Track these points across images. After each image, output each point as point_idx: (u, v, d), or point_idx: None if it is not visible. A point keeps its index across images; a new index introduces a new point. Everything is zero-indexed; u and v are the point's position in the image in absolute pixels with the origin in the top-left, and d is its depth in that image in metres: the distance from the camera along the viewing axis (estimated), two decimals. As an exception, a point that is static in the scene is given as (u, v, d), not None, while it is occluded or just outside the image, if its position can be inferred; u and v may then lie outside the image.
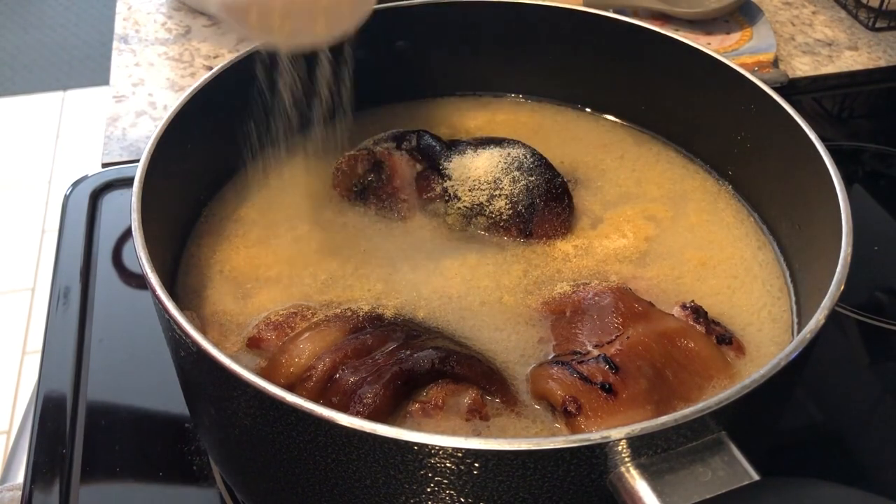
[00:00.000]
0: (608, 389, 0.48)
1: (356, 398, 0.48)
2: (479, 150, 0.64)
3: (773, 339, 0.56)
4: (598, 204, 0.66)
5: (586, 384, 0.48)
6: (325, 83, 0.70)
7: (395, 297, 0.58)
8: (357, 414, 0.47)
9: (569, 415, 0.48)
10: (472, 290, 0.59)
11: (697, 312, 0.55)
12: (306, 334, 0.52)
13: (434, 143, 0.65)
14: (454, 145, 0.65)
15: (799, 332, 0.46)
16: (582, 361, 0.50)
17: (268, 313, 0.56)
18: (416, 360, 0.49)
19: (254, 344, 0.54)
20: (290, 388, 0.48)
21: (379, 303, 0.57)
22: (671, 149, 0.72)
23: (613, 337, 0.52)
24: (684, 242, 0.63)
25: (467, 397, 0.49)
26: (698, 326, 0.54)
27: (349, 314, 0.54)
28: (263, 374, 0.52)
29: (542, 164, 0.64)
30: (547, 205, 0.62)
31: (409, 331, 0.53)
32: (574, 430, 0.48)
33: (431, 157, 0.64)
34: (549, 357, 0.53)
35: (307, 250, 0.62)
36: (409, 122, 0.74)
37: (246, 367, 0.42)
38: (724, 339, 0.54)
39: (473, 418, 0.49)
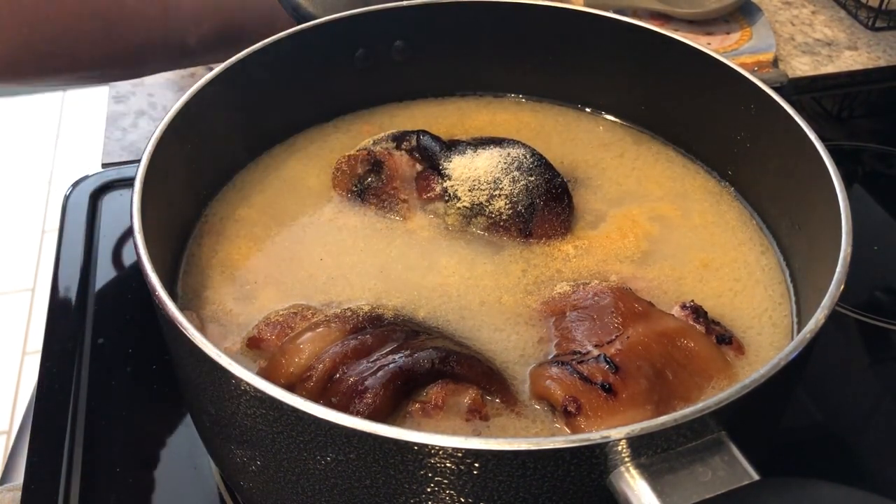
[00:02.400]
0: (608, 389, 0.48)
1: (356, 398, 0.48)
2: (478, 150, 0.64)
3: (774, 344, 0.56)
4: (598, 203, 0.66)
5: (586, 384, 0.48)
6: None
7: (395, 297, 0.58)
8: (357, 414, 0.47)
9: (569, 415, 0.48)
10: (472, 289, 0.59)
11: (697, 312, 0.55)
12: (306, 334, 0.52)
13: (434, 143, 0.65)
14: (454, 145, 0.65)
15: (799, 332, 0.46)
16: (582, 361, 0.50)
17: (268, 313, 0.56)
18: (415, 359, 0.49)
19: (254, 344, 0.54)
20: (290, 388, 0.48)
21: (379, 303, 0.57)
22: (670, 148, 0.72)
23: (613, 337, 0.52)
24: (687, 244, 0.63)
25: (467, 397, 0.49)
26: (698, 326, 0.54)
27: (349, 314, 0.54)
28: (263, 374, 0.52)
29: (541, 164, 0.64)
30: (547, 205, 0.62)
31: (408, 331, 0.53)
32: (574, 429, 0.48)
33: (431, 157, 0.64)
34: (549, 357, 0.53)
35: (307, 250, 0.62)
36: (409, 122, 0.74)
37: (246, 367, 0.42)
38: (724, 338, 0.54)
39: (473, 418, 0.49)
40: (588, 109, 0.76)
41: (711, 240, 0.64)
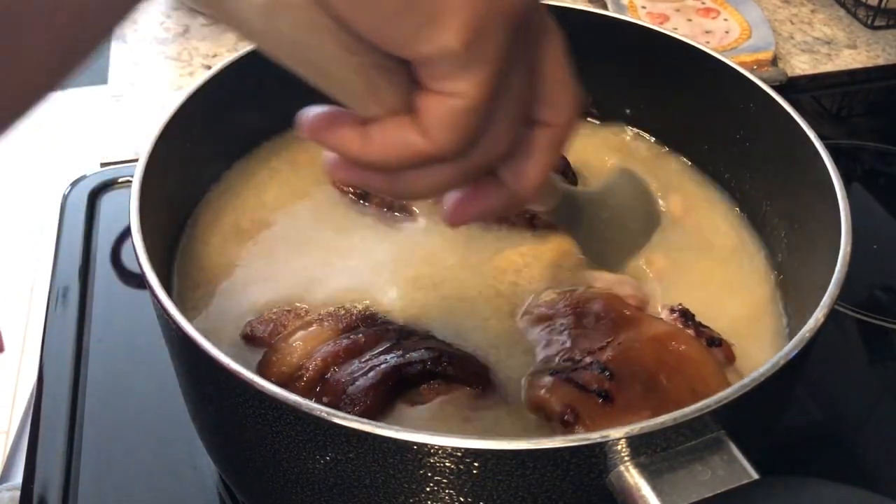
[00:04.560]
0: (605, 396, 0.47)
1: (347, 398, 0.48)
2: None
3: (774, 346, 0.56)
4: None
5: (582, 392, 0.48)
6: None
7: (389, 296, 0.58)
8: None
9: (566, 424, 0.47)
10: (466, 291, 0.58)
11: (686, 315, 0.54)
12: (299, 333, 0.52)
13: None
14: None
15: (797, 332, 0.46)
16: (576, 369, 0.49)
17: (261, 311, 0.56)
18: (408, 360, 0.49)
19: (246, 342, 0.54)
20: (281, 386, 0.48)
21: (372, 302, 0.57)
22: (668, 148, 0.72)
23: (605, 343, 0.51)
24: (682, 247, 0.63)
25: (459, 397, 0.49)
26: (688, 330, 0.54)
27: (342, 313, 0.54)
28: (255, 372, 0.51)
29: None
30: None
31: (401, 330, 0.53)
32: (572, 436, 0.48)
33: None
34: (542, 366, 0.52)
35: (303, 249, 0.62)
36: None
37: (245, 366, 0.42)
38: (714, 341, 0.53)
39: (466, 419, 0.49)
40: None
41: (707, 246, 0.63)
